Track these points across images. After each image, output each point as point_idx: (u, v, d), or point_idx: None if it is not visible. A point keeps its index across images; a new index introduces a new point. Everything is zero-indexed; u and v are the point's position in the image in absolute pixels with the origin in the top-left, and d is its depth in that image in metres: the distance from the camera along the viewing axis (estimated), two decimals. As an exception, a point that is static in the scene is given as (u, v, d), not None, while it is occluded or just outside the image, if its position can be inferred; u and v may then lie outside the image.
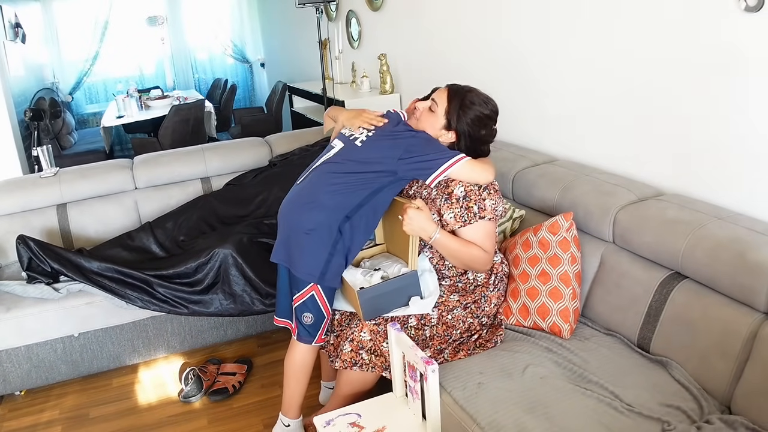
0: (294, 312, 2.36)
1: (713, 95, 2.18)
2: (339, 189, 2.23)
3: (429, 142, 2.25)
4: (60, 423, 2.87)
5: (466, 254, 2.25)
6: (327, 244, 2.24)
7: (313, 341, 2.38)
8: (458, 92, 2.28)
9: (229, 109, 7.75)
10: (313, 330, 2.36)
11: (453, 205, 2.25)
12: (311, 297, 2.30)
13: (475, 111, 2.25)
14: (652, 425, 1.82)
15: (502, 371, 2.07)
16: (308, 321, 2.34)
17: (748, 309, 1.91)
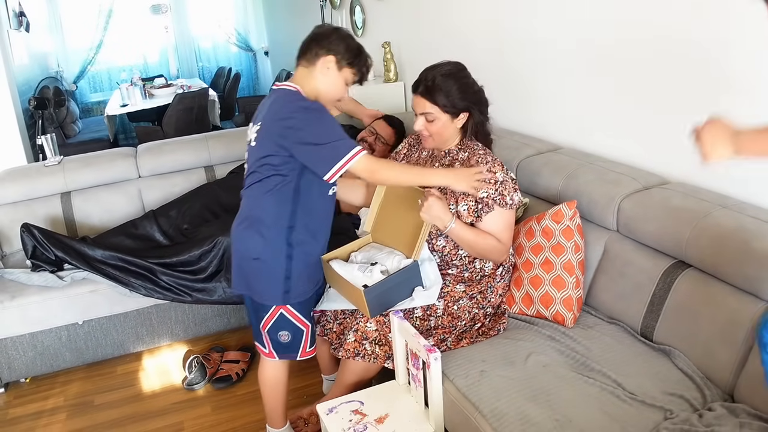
0: (266, 335, 2.25)
1: (717, 82, 2.17)
2: (263, 200, 2.12)
3: (320, 120, 2.04)
4: (65, 410, 2.89)
5: (482, 244, 2.24)
6: (279, 264, 2.13)
7: (297, 356, 2.30)
8: (429, 88, 2.25)
9: (233, 97, 7.74)
10: (294, 345, 2.27)
11: (468, 197, 2.25)
12: (280, 316, 2.21)
13: (455, 83, 2.25)
14: (654, 413, 1.82)
15: (504, 359, 2.08)
16: (285, 339, 2.25)
17: (753, 298, 1.90)
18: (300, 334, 2.25)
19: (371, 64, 2.20)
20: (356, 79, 2.16)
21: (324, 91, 2.13)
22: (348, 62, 2.11)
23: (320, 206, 2.21)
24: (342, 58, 2.10)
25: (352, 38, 2.16)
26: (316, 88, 2.12)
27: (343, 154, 2.00)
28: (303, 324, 2.25)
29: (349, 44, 2.12)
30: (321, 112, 2.05)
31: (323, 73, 2.11)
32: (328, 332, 2.46)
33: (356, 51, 2.13)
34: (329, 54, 2.09)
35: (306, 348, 2.30)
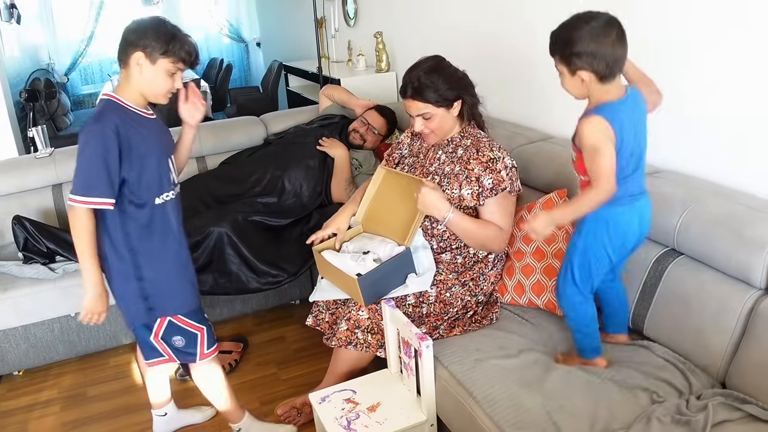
0: (160, 343, 2.17)
1: (708, 70, 2.17)
2: (104, 221, 2.01)
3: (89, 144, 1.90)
4: (58, 402, 2.89)
5: (482, 234, 2.25)
6: (132, 289, 2.06)
7: (196, 357, 2.23)
8: (417, 90, 2.23)
9: (225, 88, 7.71)
10: (191, 347, 2.21)
11: (472, 182, 2.26)
12: (169, 324, 2.14)
13: (439, 76, 2.24)
14: (641, 397, 1.84)
15: (499, 348, 2.09)
16: (180, 344, 2.18)
17: (745, 285, 1.91)
18: (192, 337, 2.20)
19: (192, 43, 2.00)
20: (180, 66, 1.97)
21: (146, 89, 1.98)
22: (161, 52, 1.92)
23: (157, 219, 2.07)
24: (152, 51, 1.92)
25: (163, 25, 1.96)
26: (137, 89, 1.98)
27: (88, 193, 1.90)
28: (196, 328, 2.20)
29: (158, 33, 1.93)
30: (95, 138, 1.89)
31: (137, 71, 1.94)
32: (320, 322, 2.46)
33: (168, 37, 1.93)
34: (137, 50, 1.92)
35: (204, 350, 2.23)
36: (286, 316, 3.44)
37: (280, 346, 3.18)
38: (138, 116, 2.00)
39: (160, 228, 2.08)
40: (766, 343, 1.79)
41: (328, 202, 3.33)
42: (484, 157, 2.26)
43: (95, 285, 2.01)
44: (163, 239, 2.10)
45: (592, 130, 1.76)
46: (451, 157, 2.33)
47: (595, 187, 1.75)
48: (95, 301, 2.02)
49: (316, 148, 3.36)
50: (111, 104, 1.97)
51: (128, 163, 1.94)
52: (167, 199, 2.09)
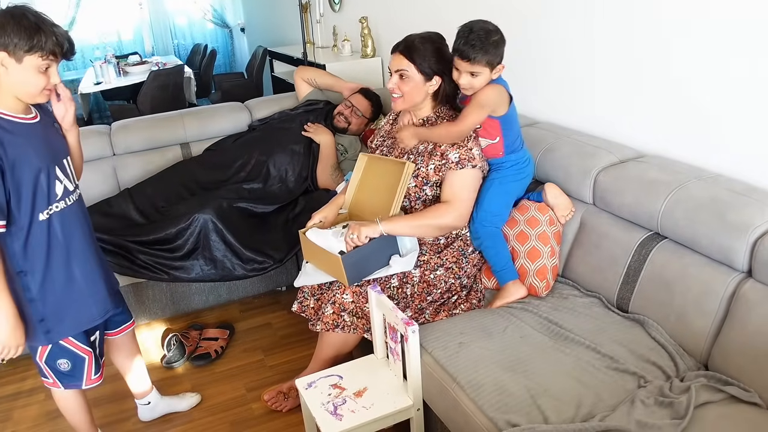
0: (44, 365, 2.08)
1: (693, 57, 2.18)
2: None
3: None
4: (43, 390, 2.86)
5: (427, 222, 2.27)
6: (26, 311, 1.94)
7: (82, 383, 2.14)
8: (409, 46, 2.27)
9: (209, 74, 7.65)
10: (78, 372, 2.11)
11: (437, 156, 2.29)
12: (56, 347, 2.05)
13: (432, 46, 2.27)
14: (628, 381, 1.84)
15: (482, 331, 2.09)
16: (66, 368, 2.08)
17: (727, 268, 1.93)
18: (80, 360, 2.10)
19: (62, 33, 1.82)
20: (51, 59, 1.79)
21: (18, 90, 1.81)
22: (26, 49, 1.73)
23: (40, 236, 1.91)
24: (15, 49, 1.73)
25: (23, 17, 1.74)
26: (9, 92, 1.81)
27: None
28: (84, 351, 2.10)
29: (18, 28, 1.72)
30: None
31: (3, 73, 1.76)
32: (305, 308, 2.46)
33: (31, 31, 1.73)
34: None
35: (91, 375, 2.15)
36: (273, 302, 3.44)
37: (266, 332, 3.18)
38: (12, 123, 1.82)
39: (45, 244, 1.92)
40: (748, 325, 1.81)
41: (314, 187, 3.32)
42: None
43: (8, 318, 1.86)
44: (51, 255, 1.94)
45: (496, 95, 2.22)
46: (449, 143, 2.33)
47: (455, 125, 2.23)
48: (10, 334, 1.88)
49: (301, 133, 3.34)
50: None
51: (6, 179, 1.79)
52: (55, 211, 1.93)
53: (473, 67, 2.17)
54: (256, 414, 2.60)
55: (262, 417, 2.58)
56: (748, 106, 2.04)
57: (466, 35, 2.15)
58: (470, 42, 2.14)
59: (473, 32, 2.14)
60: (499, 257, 2.31)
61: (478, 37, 2.13)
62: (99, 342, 2.21)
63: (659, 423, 1.63)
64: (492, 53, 2.16)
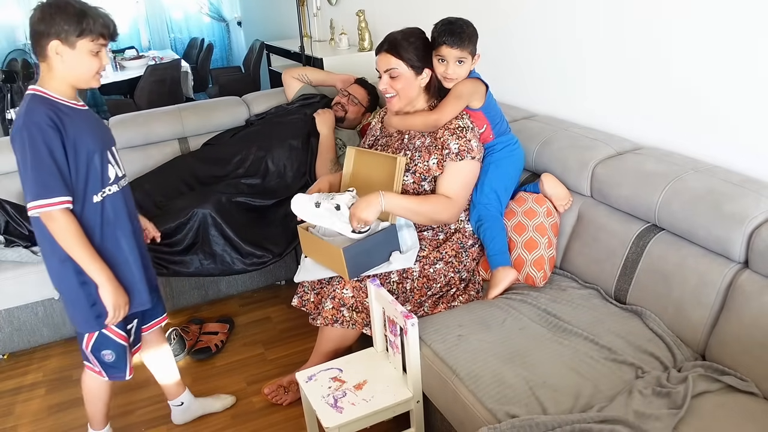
0: (90, 355, 2.11)
1: (690, 48, 2.18)
2: (41, 230, 1.91)
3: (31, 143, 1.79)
4: (44, 385, 2.88)
5: (425, 208, 2.27)
6: (77, 294, 1.97)
7: (126, 375, 2.17)
8: (394, 44, 2.28)
9: (206, 68, 7.63)
10: (121, 362, 2.14)
11: (439, 149, 2.30)
12: (101, 336, 2.07)
13: (416, 39, 2.29)
14: (626, 372, 1.86)
15: (481, 324, 2.10)
16: (110, 359, 2.10)
17: (724, 259, 1.94)
18: (123, 350, 2.13)
19: (106, 14, 1.87)
20: (101, 42, 1.85)
21: (73, 76, 1.87)
22: (77, 34, 1.80)
23: (88, 220, 1.95)
24: (67, 35, 1.79)
25: (67, 5, 1.80)
26: (63, 80, 1.86)
27: (47, 195, 1.81)
28: (123, 339, 2.12)
29: (67, 15, 1.78)
30: (34, 136, 1.79)
31: (58, 61, 1.82)
32: (305, 303, 2.47)
33: (78, 16, 1.79)
34: (51, 39, 1.79)
35: (130, 365, 2.18)
36: (272, 296, 3.45)
37: (266, 326, 3.19)
38: (68, 108, 1.87)
39: (98, 226, 1.96)
40: (744, 315, 1.83)
41: (312, 182, 3.32)
42: (452, 125, 2.29)
43: (108, 280, 1.93)
44: (103, 238, 1.98)
45: (471, 86, 2.31)
46: (425, 131, 2.35)
47: (432, 114, 2.30)
48: (115, 295, 1.95)
49: (298, 127, 3.34)
50: (37, 98, 1.83)
51: (68, 158, 1.85)
52: (108, 194, 1.98)
53: (461, 53, 2.24)
54: (257, 407, 2.62)
55: (263, 410, 2.59)
56: (745, 98, 2.05)
57: (448, 26, 2.24)
58: (455, 31, 2.23)
59: (454, 23, 2.24)
60: (495, 241, 2.33)
61: (460, 27, 2.23)
62: (135, 331, 2.23)
63: (657, 413, 1.64)
64: (474, 42, 2.27)
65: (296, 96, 3.66)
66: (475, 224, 2.40)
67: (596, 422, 1.60)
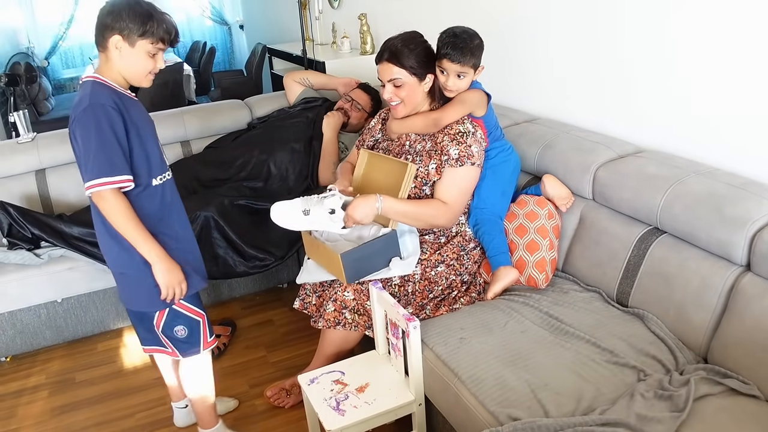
0: (162, 335, 2.14)
1: (693, 52, 2.18)
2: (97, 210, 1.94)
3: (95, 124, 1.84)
4: (46, 387, 2.89)
5: (422, 212, 2.27)
6: (146, 273, 1.98)
7: (200, 348, 2.19)
8: (394, 53, 2.26)
9: (209, 72, 7.65)
10: (194, 338, 2.16)
11: (439, 155, 2.30)
12: (171, 312, 2.10)
13: (417, 45, 2.27)
14: (628, 375, 1.86)
15: (483, 326, 2.10)
16: (183, 334, 2.13)
17: (726, 262, 1.94)
18: (195, 324, 2.16)
19: (171, 21, 1.95)
20: (160, 47, 1.92)
21: (128, 72, 1.92)
22: (139, 34, 1.86)
23: (151, 202, 2.00)
24: (130, 33, 1.86)
25: (138, 4, 1.87)
26: (119, 72, 1.92)
27: (110, 173, 1.85)
28: (197, 313, 2.16)
29: (134, 14, 1.86)
30: (99, 116, 1.83)
31: (117, 55, 1.89)
32: (307, 305, 2.47)
33: (144, 18, 1.86)
34: (114, 33, 1.86)
35: (207, 338, 2.20)
36: (274, 299, 3.45)
37: (268, 329, 3.20)
38: (126, 97, 1.94)
39: (161, 208, 2.03)
40: (746, 318, 1.83)
41: (315, 185, 3.33)
42: (453, 130, 2.29)
43: (162, 259, 1.97)
44: (168, 219, 2.05)
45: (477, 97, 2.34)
46: (423, 134, 2.35)
47: (434, 113, 2.32)
48: (170, 273, 1.98)
49: (300, 130, 3.35)
50: (98, 84, 1.90)
51: (130, 142, 1.91)
52: (166, 179, 2.06)
53: (462, 68, 2.25)
54: (259, 410, 2.62)
55: (265, 413, 2.59)
56: (747, 101, 2.05)
57: (452, 39, 2.24)
58: (458, 45, 2.23)
59: (458, 36, 2.24)
60: (495, 243, 2.34)
61: (464, 41, 2.23)
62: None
63: (659, 416, 1.64)
64: (477, 56, 2.28)
65: (298, 99, 3.67)
66: (473, 228, 2.41)
67: (598, 425, 1.61)
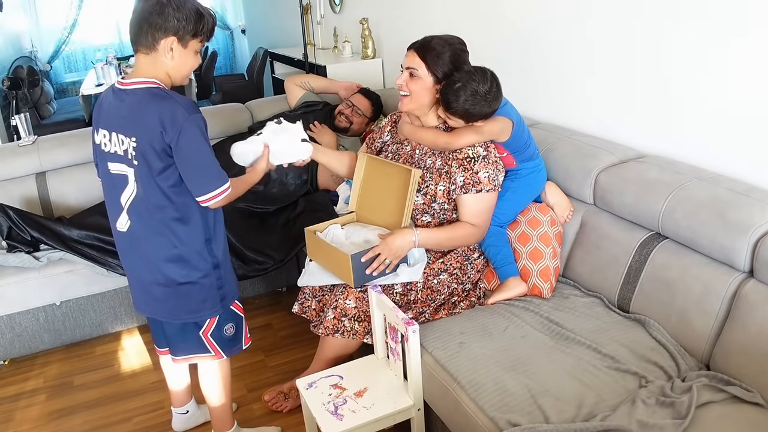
0: (209, 339, 2.11)
1: (694, 57, 2.17)
2: (174, 226, 1.93)
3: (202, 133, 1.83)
4: (44, 391, 2.87)
5: (455, 238, 2.26)
6: (209, 278, 2.01)
7: (242, 345, 2.20)
8: (424, 45, 2.22)
9: (210, 76, 7.65)
10: (239, 335, 2.18)
11: (447, 178, 2.25)
12: (224, 314, 2.10)
13: (450, 50, 2.21)
14: (629, 381, 1.84)
15: (482, 331, 2.09)
16: (231, 332, 2.14)
17: (728, 268, 1.93)
18: (240, 321, 2.18)
19: (213, 15, 1.91)
20: (204, 44, 1.91)
21: (176, 72, 1.87)
22: (192, 34, 1.82)
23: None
24: (184, 34, 1.81)
25: (187, 3, 1.82)
26: (166, 72, 1.86)
27: (219, 182, 1.88)
28: (240, 310, 2.17)
29: (187, 14, 1.80)
30: (200, 125, 1.84)
31: (169, 56, 1.82)
32: (306, 310, 2.46)
33: (196, 17, 1.82)
34: (168, 35, 1.79)
35: (247, 334, 2.22)
36: (273, 303, 3.44)
37: (267, 333, 3.18)
38: None
39: (221, 212, 2.05)
40: (749, 325, 1.81)
41: (314, 189, 3.32)
42: (461, 155, 2.23)
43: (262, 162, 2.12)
44: (223, 223, 2.06)
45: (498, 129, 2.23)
46: (434, 149, 2.31)
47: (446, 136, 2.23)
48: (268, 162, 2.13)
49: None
50: (165, 91, 1.83)
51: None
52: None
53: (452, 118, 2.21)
54: (257, 414, 2.60)
55: (263, 417, 2.58)
56: (750, 106, 2.04)
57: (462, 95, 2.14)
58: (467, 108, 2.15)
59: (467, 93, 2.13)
60: (501, 254, 2.32)
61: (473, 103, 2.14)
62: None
63: (660, 423, 1.63)
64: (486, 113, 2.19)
65: (299, 103, 3.66)
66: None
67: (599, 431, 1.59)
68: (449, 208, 2.30)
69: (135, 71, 1.87)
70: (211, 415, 2.33)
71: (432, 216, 2.32)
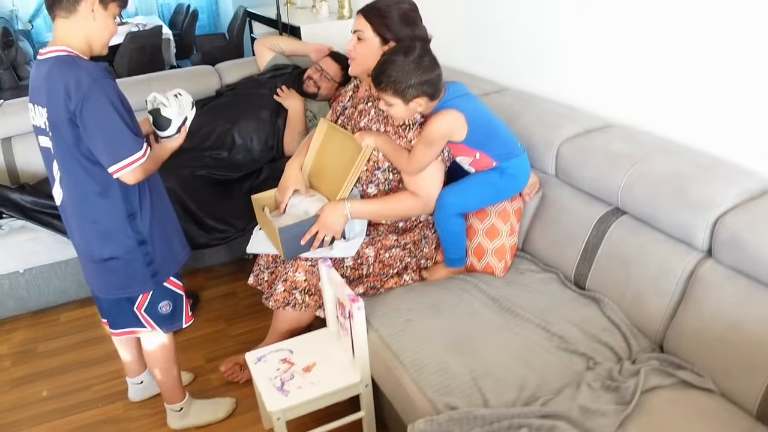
0: (143, 315, 2.06)
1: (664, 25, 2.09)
2: (93, 200, 1.85)
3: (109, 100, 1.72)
4: (8, 358, 2.85)
5: (394, 209, 2.20)
6: (137, 256, 1.94)
7: (182, 323, 2.15)
8: (371, 8, 2.14)
9: (191, 35, 7.48)
10: (177, 313, 2.13)
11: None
12: (158, 290, 2.04)
13: (396, 9, 2.12)
14: (576, 362, 1.80)
15: (432, 307, 2.04)
16: (167, 309, 2.08)
17: (687, 247, 1.87)
18: (179, 298, 2.12)
19: None
20: (122, 8, 1.83)
21: (98, 39, 1.79)
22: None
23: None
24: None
25: None
26: (86, 39, 1.77)
27: (130, 151, 1.76)
28: (179, 287, 2.11)
29: None
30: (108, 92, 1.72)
31: (89, 18, 1.75)
32: (261, 282, 2.41)
33: None
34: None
35: (188, 312, 2.16)
36: (238, 271, 3.38)
37: (230, 301, 3.14)
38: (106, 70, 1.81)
39: (146, 184, 1.92)
40: (704, 307, 1.76)
41: (280, 155, 3.25)
42: (398, 122, 2.16)
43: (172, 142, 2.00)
44: (153, 195, 1.95)
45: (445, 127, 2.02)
46: (379, 114, 2.23)
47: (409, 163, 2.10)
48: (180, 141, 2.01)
49: (267, 99, 3.26)
50: (77, 59, 1.74)
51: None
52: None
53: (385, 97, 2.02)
54: (214, 385, 2.57)
55: (220, 388, 2.55)
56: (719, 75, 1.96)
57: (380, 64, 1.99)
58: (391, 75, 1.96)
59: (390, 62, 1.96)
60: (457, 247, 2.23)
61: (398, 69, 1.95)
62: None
63: (603, 408, 1.58)
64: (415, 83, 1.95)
65: (268, 66, 3.56)
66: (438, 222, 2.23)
67: (537, 417, 1.55)
68: (394, 179, 2.23)
69: (52, 39, 1.78)
70: (159, 388, 2.30)
71: (377, 186, 2.25)
